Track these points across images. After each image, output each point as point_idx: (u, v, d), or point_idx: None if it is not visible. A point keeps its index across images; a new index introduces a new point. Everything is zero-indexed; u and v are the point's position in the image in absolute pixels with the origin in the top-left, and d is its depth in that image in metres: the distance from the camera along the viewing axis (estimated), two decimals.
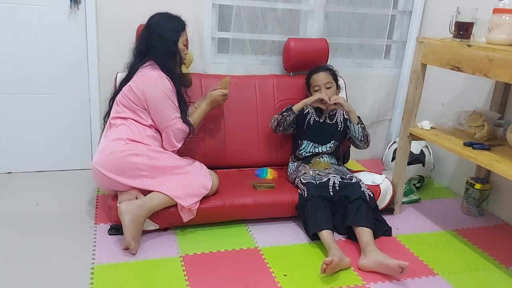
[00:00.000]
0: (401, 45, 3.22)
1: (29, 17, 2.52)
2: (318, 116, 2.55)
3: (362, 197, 2.20)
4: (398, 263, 1.87)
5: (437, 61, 2.18)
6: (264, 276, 1.91)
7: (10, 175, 2.73)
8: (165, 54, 2.23)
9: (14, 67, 2.58)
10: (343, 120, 2.56)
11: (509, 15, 1.92)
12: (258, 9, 2.84)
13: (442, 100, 2.96)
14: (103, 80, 2.70)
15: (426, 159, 2.82)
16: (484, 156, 2.03)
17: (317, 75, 2.53)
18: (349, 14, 3.03)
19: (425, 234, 2.35)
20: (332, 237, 2.09)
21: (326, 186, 2.27)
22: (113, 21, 2.62)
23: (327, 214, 2.17)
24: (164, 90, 2.19)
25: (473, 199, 2.55)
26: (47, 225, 2.21)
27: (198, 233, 2.21)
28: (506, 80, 1.81)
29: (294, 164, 2.55)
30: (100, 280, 1.82)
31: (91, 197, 2.52)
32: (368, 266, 1.97)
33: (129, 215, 2.00)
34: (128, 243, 1.98)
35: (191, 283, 1.83)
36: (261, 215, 2.32)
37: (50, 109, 2.71)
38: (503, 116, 2.51)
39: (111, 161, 2.08)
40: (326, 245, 2.05)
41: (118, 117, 2.22)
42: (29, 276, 1.83)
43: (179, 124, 2.23)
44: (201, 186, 2.18)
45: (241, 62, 2.88)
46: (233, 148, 2.66)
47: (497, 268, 2.08)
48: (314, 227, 2.13)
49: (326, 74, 2.53)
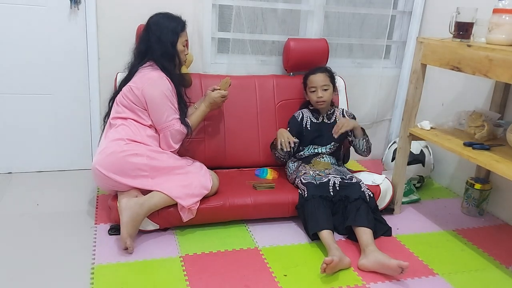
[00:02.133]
0: (401, 45, 3.22)
1: (29, 17, 2.52)
2: (316, 117, 2.56)
3: (362, 197, 2.20)
4: (398, 263, 1.87)
5: (437, 61, 2.18)
6: (264, 276, 1.91)
7: (10, 175, 2.73)
8: (164, 56, 2.22)
9: (14, 67, 2.58)
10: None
11: (509, 15, 1.92)
12: (258, 9, 2.85)
13: (442, 100, 2.97)
14: (103, 80, 2.70)
15: (426, 159, 2.83)
16: (484, 156, 2.03)
17: (315, 76, 2.52)
18: (349, 14, 3.03)
19: (425, 234, 2.35)
20: (332, 237, 2.09)
21: (327, 186, 2.27)
22: (113, 21, 2.62)
23: (327, 214, 2.17)
24: (164, 90, 2.19)
25: (473, 199, 2.55)
26: (47, 225, 2.21)
27: (198, 233, 2.21)
28: (506, 80, 1.81)
29: (294, 164, 2.55)
30: (100, 280, 1.82)
31: (91, 197, 2.52)
32: (368, 266, 1.97)
33: (129, 212, 2.01)
34: (124, 240, 1.98)
35: (191, 283, 1.83)
36: (261, 215, 2.32)
37: (50, 109, 2.71)
38: (503, 116, 2.51)
39: (111, 161, 2.08)
40: (326, 245, 2.05)
41: (118, 117, 2.22)
42: (29, 276, 1.83)
43: (177, 125, 2.23)
44: (201, 186, 2.18)
45: (241, 62, 2.88)
46: (233, 148, 2.66)
47: (497, 268, 2.08)
48: (314, 227, 2.13)
49: (324, 76, 2.52)
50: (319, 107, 2.54)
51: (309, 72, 2.58)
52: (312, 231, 2.15)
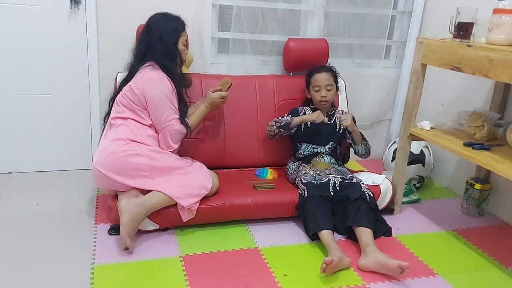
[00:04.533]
0: (401, 45, 3.22)
1: (29, 17, 2.52)
2: None
3: (362, 197, 2.20)
4: (398, 263, 1.87)
5: (437, 61, 2.18)
6: (264, 276, 1.91)
7: (10, 175, 2.73)
8: (165, 55, 2.22)
9: (14, 67, 2.58)
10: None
11: (509, 15, 1.92)
12: (258, 9, 2.85)
13: (442, 100, 2.96)
14: (103, 80, 2.70)
15: (426, 159, 2.83)
16: (484, 156, 2.03)
17: (320, 75, 2.52)
18: (349, 14, 3.03)
19: (425, 234, 2.35)
20: (332, 237, 2.09)
21: (327, 186, 2.27)
22: (113, 21, 2.62)
23: (327, 214, 2.17)
24: (164, 90, 2.19)
25: (473, 199, 2.55)
26: (47, 225, 2.21)
27: (198, 233, 2.21)
28: (506, 80, 1.81)
29: (294, 164, 2.55)
30: (100, 280, 1.82)
31: (91, 197, 2.52)
32: (368, 266, 1.97)
33: (128, 212, 2.01)
34: (124, 240, 1.98)
35: (191, 283, 1.83)
36: (261, 215, 2.32)
37: (50, 109, 2.71)
38: (503, 116, 2.51)
39: (111, 161, 2.08)
40: (326, 245, 2.05)
41: (118, 117, 2.22)
42: (29, 276, 1.83)
43: (176, 126, 2.23)
44: (201, 187, 2.18)
45: (241, 62, 2.88)
46: (233, 148, 2.66)
47: (497, 268, 2.08)
48: (314, 227, 2.13)
49: (328, 76, 2.53)
50: (321, 107, 2.53)
51: (314, 70, 2.57)
52: (312, 231, 2.15)
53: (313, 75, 2.55)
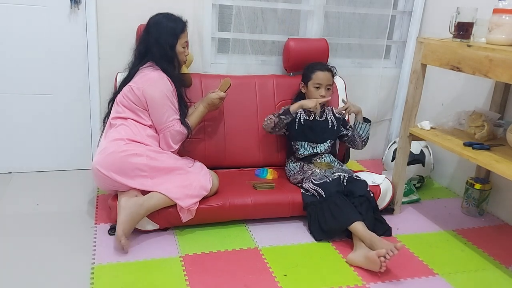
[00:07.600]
0: (401, 45, 3.22)
1: (29, 17, 2.52)
2: (307, 114, 2.55)
3: (366, 196, 2.22)
4: (377, 252, 1.89)
5: (437, 61, 2.18)
6: (264, 276, 1.91)
7: (10, 175, 2.73)
8: (163, 58, 2.22)
9: (14, 67, 2.58)
10: (335, 119, 2.57)
11: (509, 15, 1.92)
12: (258, 9, 2.84)
13: (442, 100, 2.96)
14: (103, 80, 2.70)
15: (426, 159, 2.83)
16: (484, 156, 2.03)
17: (323, 73, 2.51)
18: (349, 14, 3.02)
19: (425, 234, 2.35)
20: (366, 228, 2.08)
21: (339, 181, 2.28)
22: (113, 21, 2.62)
23: (352, 207, 2.15)
24: (164, 91, 2.19)
25: (473, 199, 2.55)
26: (47, 225, 2.21)
27: (198, 233, 2.21)
28: (506, 80, 1.82)
29: (297, 164, 2.54)
30: (100, 280, 1.82)
31: (91, 197, 2.52)
32: (354, 261, 2.00)
33: (127, 212, 2.01)
34: (118, 238, 1.98)
35: (191, 283, 1.83)
36: (261, 215, 2.32)
37: (50, 109, 2.71)
38: (503, 116, 2.51)
39: (111, 161, 2.08)
40: (361, 236, 2.04)
41: (118, 117, 2.22)
42: (29, 276, 1.83)
43: (177, 126, 2.23)
44: (201, 187, 2.17)
45: (241, 62, 2.88)
46: (233, 148, 2.66)
47: (497, 268, 2.09)
48: (345, 221, 2.10)
49: (330, 75, 2.54)
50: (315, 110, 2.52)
51: (316, 67, 2.54)
52: (344, 226, 2.10)
53: (315, 72, 2.52)
